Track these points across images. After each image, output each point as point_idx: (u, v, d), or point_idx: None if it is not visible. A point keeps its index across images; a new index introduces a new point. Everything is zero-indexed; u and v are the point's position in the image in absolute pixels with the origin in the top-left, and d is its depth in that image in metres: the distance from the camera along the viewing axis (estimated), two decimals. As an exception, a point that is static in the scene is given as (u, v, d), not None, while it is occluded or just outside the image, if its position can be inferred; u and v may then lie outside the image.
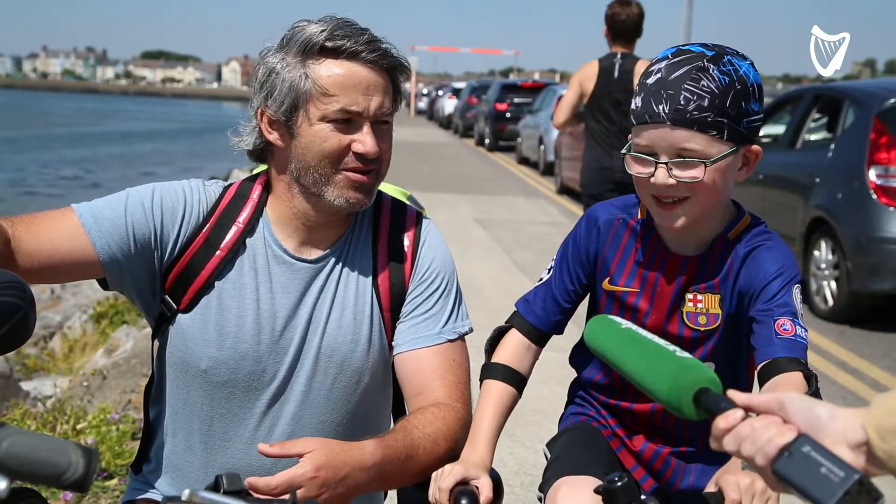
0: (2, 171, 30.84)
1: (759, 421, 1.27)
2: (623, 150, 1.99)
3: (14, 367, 7.31)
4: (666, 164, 1.89)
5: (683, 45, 1.96)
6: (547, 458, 2.21)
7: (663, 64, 1.91)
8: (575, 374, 2.33)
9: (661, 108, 1.86)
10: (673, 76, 1.87)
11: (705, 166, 1.88)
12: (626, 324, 1.57)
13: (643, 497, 1.48)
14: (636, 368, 1.46)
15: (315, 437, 2.06)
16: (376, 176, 2.06)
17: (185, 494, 1.36)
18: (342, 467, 1.79)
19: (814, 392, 1.79)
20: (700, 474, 2.14)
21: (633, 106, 1.94)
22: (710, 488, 1.60)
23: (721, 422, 1.29)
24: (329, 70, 1.98)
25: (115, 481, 4.69)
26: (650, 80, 1.91)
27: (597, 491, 1.61)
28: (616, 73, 6.96)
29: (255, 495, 1.69)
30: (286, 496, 1.68)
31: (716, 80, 1.86)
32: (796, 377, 1.81)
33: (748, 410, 1.30)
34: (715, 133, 1.87)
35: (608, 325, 1.59)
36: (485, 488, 1.86)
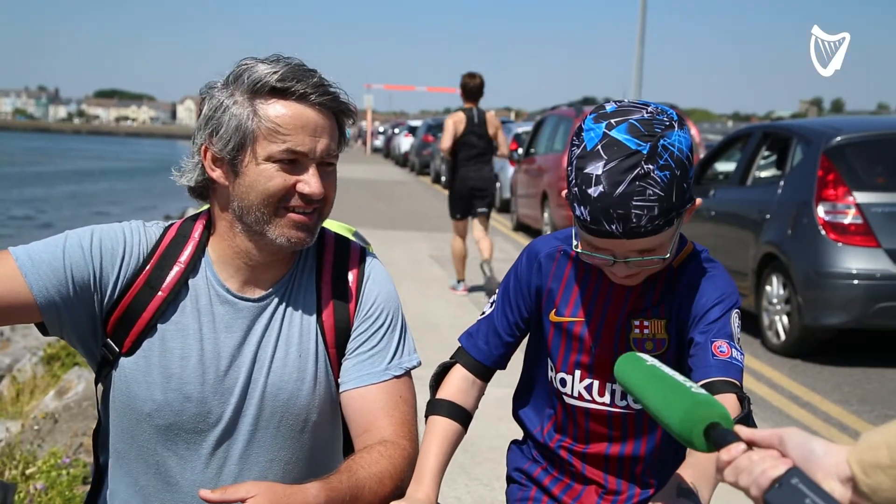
0: (-49, 212, 30.50)
1: (757, 454, 1.32)
2: (576, 247, 1.99)
3: (-38, 411, 7.20)
4: (626, 261, 1.93)
5: (612, 128, 1.86)
6: None
7: (599, 168, 1.83)
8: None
9: (613, 227, 1.85)
10: (617, 192, 1.82)
11: (664, 253, 1.93)
12: (651, 360, 1.61)
13: None
14: (655, 402, 1.50)
15: (263, 477, 2.06)
16: (319, 216, 2.07)
17: None
18: None
19: (746, 414, 1.82)
20: None
21: (580, 215, 1.89)
22: None
23: (724, 454, 1.35)
24: (278, 111, 1.98)
25: (64, 527, 4.63)
26: (593, 192, 1.84)
27: None
28: (475, 119, 10.73)
29: None
30: None
31: (659, 182, 1.83)
32: (730, 399, 1.83)
33: (751, 444, 1.35)
34: (666, 228, 1.89)
35: (637, 361, 1.63)
36: None
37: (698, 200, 2.00)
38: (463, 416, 2.13)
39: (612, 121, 1.88)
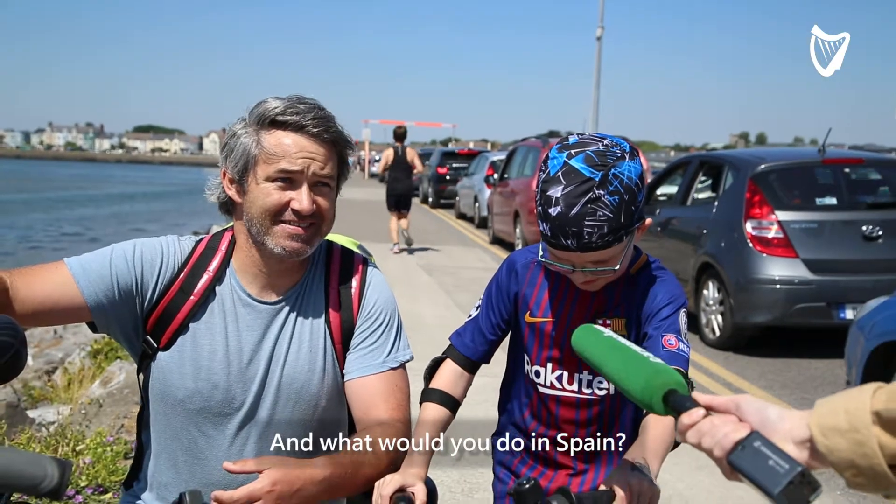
0: (13, 229, 30.31)
1: (718, 419, 1.28)
2: (542, 258, 2.01)
3: (21, 398, 7.15)
4: (583, 270, 1.94)
5: (572, 157, 1.87)
6: None
7: (559, 192, 1.86)
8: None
9: (568, 241, 1.87)
10: (572, 213, 1.84)
11: (614, 265, 1.94)
12: (607, 332, 1.59)
13: (547, 497, 1.48)
14: (615, 370, 1.47)
15: (278, 454, 2.05)
16: (316, 230, 2.05)
17: None
18: (296, 482, 1.77)
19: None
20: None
21: (543, 230, 1.92)
22: (605, 487, 1.61)
23: (685, 419, 1.30)
24: (277, 139, 1.99)
25: (109, 496, 4.60)
26: (553, 212, 1.87)
27: (508, 493, 1.60)
28: (399, 153, 15.34)
29: None
30: None
31: (608, 205, 1.84)
32: None
33: (709, 409, 1.30)
34: (616, 244, 1.90)
35: (594, 332, 1.61)
36: (420, 494, 1.85)
37: (648, 220, 2.01)
38: (452, 404, 2.13)
39: (572, 151, 1.89)
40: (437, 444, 2.06)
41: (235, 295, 2.10)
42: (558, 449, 2.17)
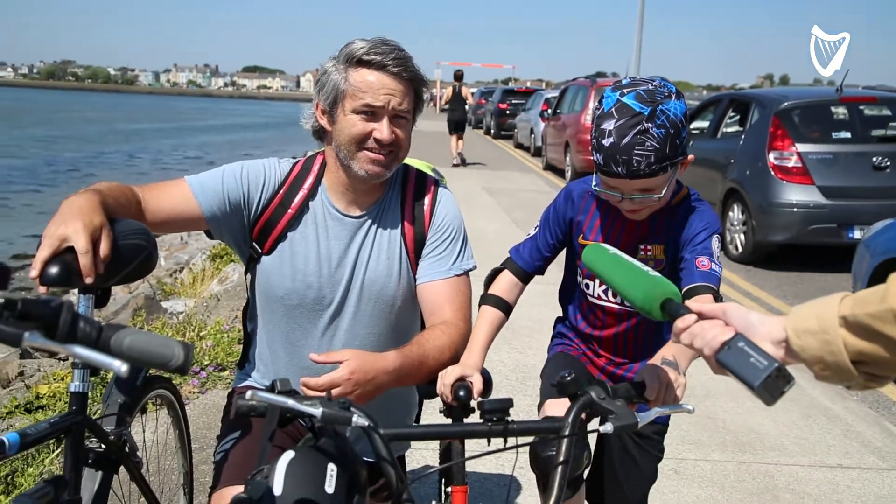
0: (148, 153, 30.94)
1: (708, 323, 1.29)
2: (595, 186, 1.97)
3: (156, 292, 7.38)
4: (630, 198, 1.90)
5: (624, 95, 1.84)
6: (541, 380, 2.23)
7: (612, 125, 1.82)
8: (557, 304, 2.31)
9: (619, 169, 1.83)
10: (623, 142, 1.80)
11: (659, 193, 1.89)
12: (612, 250, 1.58)
13: (586, 388, 1.48)
14: (619, 282, 1.47)
15: (362, 345, 2.07)
16: (394, 157, 2.02)
17: (248, 394, 1.34)
18: (370, 371, 1.78)
19: None
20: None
21: (595, 159, 1.89)
22: (637, 379, 1.60)
23: (680, 323, 1.32)
24: (362, 76, 1.96)
25: (226, 372, 4.75)
26: (606, 143, 1.83)
27: (552, 384, 1.60)
28: (457, 90, 16.85)
29: (307, 391, 1.70)
30: (323, 393, 1.67)
31: (656, 137, 1.80)
32: (707, 298, 1.82)
33: (700, 315, 1.31)
34: (661, 173, 1.85)
35: (601, 250, 1.59)
36: (477, 383, 1.85)
37: (691, 156, 1.95)
38: (506, 308, 2.13)
39: (625, 90, 1.85)
40: (492, 340, 2.07)
41: (325, 209, 2.10)
42: (602, 344, 2.18)
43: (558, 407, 1.97)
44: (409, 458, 2.62)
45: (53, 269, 1.51)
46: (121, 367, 1.16)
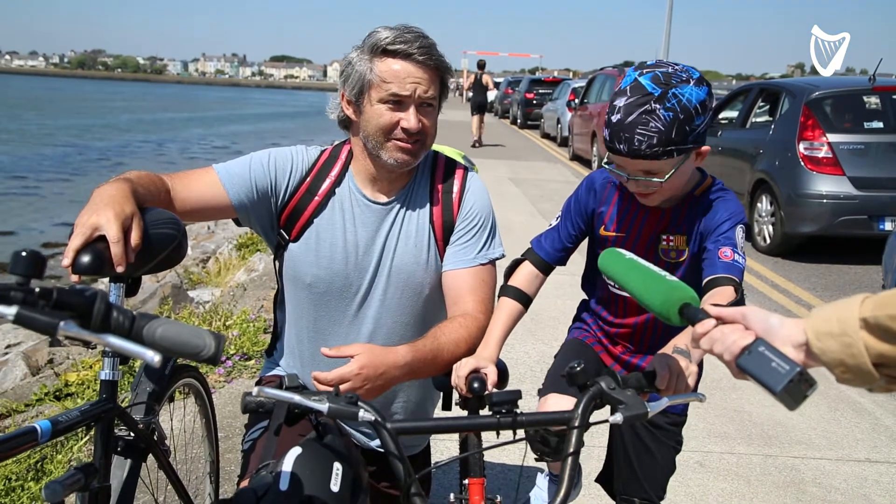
0: (176, 142, 31.22)
1: (728, 328, 1.26)
2: (606, 163, 1.95)
3: (183, 281, 7.46)
4: (635, 179, 1.88)
5: (642, 75, 1.82)
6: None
7: (622, 102, 1.81)
8: (580, 295, 2.30)
9: (620, 146, 1.81)
10: (628, 120, 1.78)
11: (662, 178, 1.86)
12: (629, 255, 1.56)
13: (596, 378, 1.47)
14: (637, 288, 1.45)
15: (389, 332, 2.08)
16: (421, 145, 2.02)
17: (255, 391, 1.34)
18: (380, 366, 1.78)
19: (739, 299, 1.77)
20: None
21: (604, 135, 1.88)
22: (649, 369, 1.58)
23: (699, 328, 1.30)
24: (388, 66, 1.95)
25: (252, 361, 4.78)
26: (613, 118, 1.82)
27: (562, 375, 1.59)
28: (478, 77, 19.41)
29: (319, 386, 1.70)
30: (330, 388, 1.66)
31: (661, 118, 1.77)
32: (728, 290, 1.79)
33: (719, 320, 1.29)
34: (664, 157, 1.81)
35: (616, 256, 1.58)
36: (491, 374, 1.84)
37: (706, 147, 1.90)
38: (525, 300, 2.10)
39: (644, 70, 1.84)
40: (509, 332, 2.06)
41: (353, 196, 2.09)
42: (620, 330, 2.16)
43: (559, 403, 1.97)
44: (433, 448, 2.63)
45: (85, 258, 1.52)
46: (154, 357, 1.16)
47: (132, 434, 1.81)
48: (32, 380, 4.85)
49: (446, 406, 2.40)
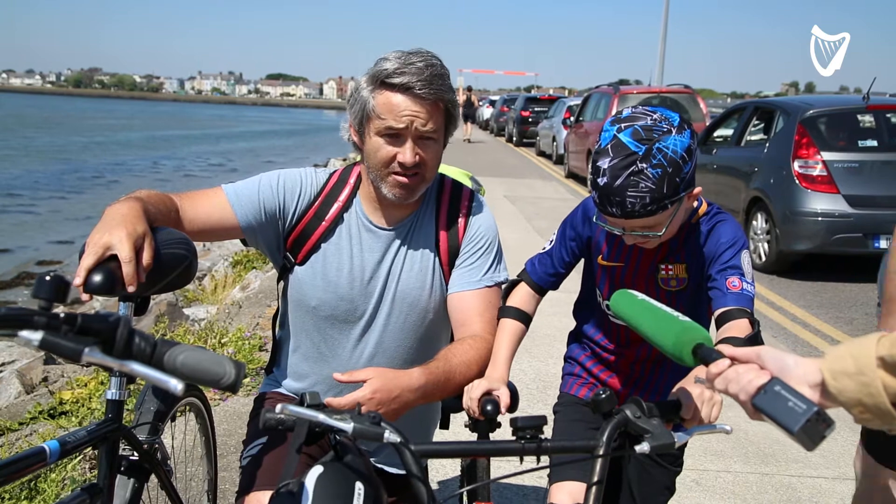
0: (172, 160, 31.25)
1: (742, 367, 1.26)
2: (596, 219, 1.91)
3: (178, 299, 7.44)
4: (632, 234, 1.84)
5: (621, 131, 1.74)
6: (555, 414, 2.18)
7: (606, 164, 1.73)
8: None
9: (613, 209, 1.76)
10: (616, 183, 1.71)
11: (660, 231, 1.83)
12: (640, 296, 1.55)
13: (621, 406, 1.46)
14: (649, 329, 1.44)
15: (392, 356, 2.07)
16: (421, 179, 2.00)
17: (278, 408, 1.33)
18: (394, 390, 1.77)
19: (755, 333, 1.74)
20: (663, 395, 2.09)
21: (593, 197, 1.83)
22: (673, 398, 1.57)
23: (713, 368, 1.29)
24: (386, 98, 1.93)
25: (247, 380, 4.76)
26: (600, 182, 1.75)
27: (586, 403, 1.57)
28: (468, 98, 27.77)
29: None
30: (353, 408, 1.66)
31: (650, 177, 1.70)
32: (743, 323, 1.76)
33: (733, 360, 1.28)
34: (659, 212, 1.77)
35: (629, 297, 1.56)
36: (504, 397, 1.83)
37: (697, 189, 1.85)
38: (525, 319, 2.09)
39: (622, 125, 1.76)
40: (514, 352, 2.04)
41: (360, 221, 2.09)
42: (619, 360, 2.13)
43: (566, 493, 1.93)
44: (430, 464, 2.62)
45: (97, 278, 1.52)
46: (177, 385, 1.16)
47: (136, 454, 1.81)
48: (27, 398, 4.83)
49: (443, 426, 2.40)
